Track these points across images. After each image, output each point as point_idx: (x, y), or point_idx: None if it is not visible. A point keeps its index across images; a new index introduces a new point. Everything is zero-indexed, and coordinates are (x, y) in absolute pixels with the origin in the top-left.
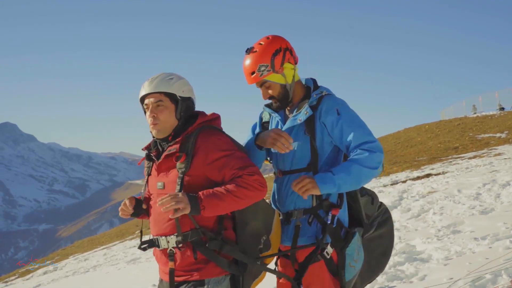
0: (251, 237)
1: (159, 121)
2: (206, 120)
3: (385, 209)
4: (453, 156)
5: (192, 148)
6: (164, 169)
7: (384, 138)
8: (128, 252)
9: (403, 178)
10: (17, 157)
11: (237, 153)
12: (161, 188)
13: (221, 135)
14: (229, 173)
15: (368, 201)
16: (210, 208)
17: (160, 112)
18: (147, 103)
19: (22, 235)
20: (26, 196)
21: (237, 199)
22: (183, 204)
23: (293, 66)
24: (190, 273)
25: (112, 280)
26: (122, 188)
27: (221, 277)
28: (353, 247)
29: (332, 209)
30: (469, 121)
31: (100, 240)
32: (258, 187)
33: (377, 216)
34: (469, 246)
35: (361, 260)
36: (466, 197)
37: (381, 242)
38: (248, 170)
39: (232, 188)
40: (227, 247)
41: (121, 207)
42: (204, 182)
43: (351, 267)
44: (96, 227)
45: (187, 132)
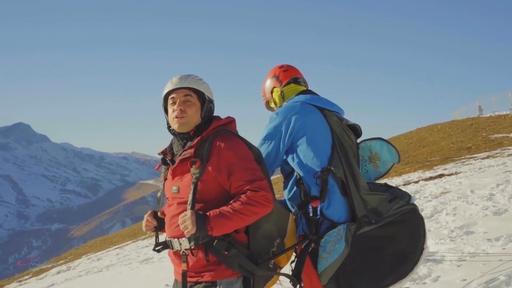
0: (264, 239)
1: (186, 115)
2: (221, 124)
3: (408, 210)
4: (466, 156)
5: (207, 154)
6: (179, 173)
7: (396, 138)
8: (141, 252)
9: (416, 178)
10: (30, 157)
11: (248, 163)
12: (175, 192)
13: (235, 140)
14: (235, 183)
15: (386, 199)
16: (218, 228)
17: (188, 107)
18: (175, 97)
19: (35, 235)
20: (39, 196)
21: (244, 217)
22: (189, 225)
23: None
24: (202, 274)
25: (125, 280)
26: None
27: (233, 279)
28: (327, 239)
29: (312, 202)
30: (482, 121)
31: (113, 240)
32: (264, 203)
33: (391, 215)
34: (483, 247)
35: (337, 253)
36: (479, 198)
37: (393, 243)
38: (255, 185)
39: (238, 206)
40: (233, 250)
41: (145, 223)
42: (217, 187)
43: (322, 258)
44: (108, 227)
45: (201, 137)
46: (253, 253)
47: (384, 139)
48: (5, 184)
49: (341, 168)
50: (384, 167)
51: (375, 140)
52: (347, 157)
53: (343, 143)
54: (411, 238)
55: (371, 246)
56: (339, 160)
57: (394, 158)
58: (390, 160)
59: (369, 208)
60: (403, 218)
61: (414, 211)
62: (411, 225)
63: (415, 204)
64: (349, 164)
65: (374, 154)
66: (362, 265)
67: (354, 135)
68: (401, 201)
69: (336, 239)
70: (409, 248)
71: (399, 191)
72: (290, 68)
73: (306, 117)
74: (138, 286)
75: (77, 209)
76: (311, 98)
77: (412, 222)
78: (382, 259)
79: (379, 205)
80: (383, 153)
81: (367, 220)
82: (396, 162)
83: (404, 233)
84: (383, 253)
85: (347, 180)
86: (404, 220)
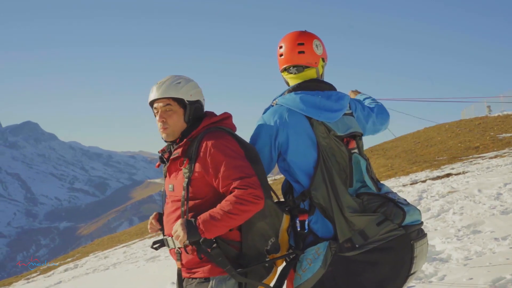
0: (258, 237)
1: (168, 126)
2: (212, 122)
3: (394, 236)
4: (474, 155)
5: (195, 152)
6: (173, 172)
7: (403, 138)
8: (148, 250)
9: (423, 177)
10: (38, 155)
11: (236, 161)
12: (171, 190)
13: (224, 137)
14: (223, 182)
15: (374, 220)
16: (209, 231)
17: (169, 116)
18: (156, 108)
19: (43, 233)
20: (47, 194)
21: (234, 216)
22: (181, 234)
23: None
24: (196, 271)
25: (132, 277)
26: (142, 187)
27: (226, 275)
28: (304, 256)
29: (300, 215)
30: (490, 121)
31: (120, 238)
32: (254, 200)
33: (377, 240)
34: (490, 246)
35: (311, 272)
36: (486, 197)
37: (373, 269)
38: (243, 182)
39: (227, 206)
40: (216, 250)
41: (149, 226)
42: (206, 186)
43: (297, 275)
44: (116, 225)
45: (191, 136)
46: (246, 251)
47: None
48: (14, 183)
49: (323, 189)
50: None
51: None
52: (331, 176)
53: (329, 158)
54: (394, 268)
55: (351, 269)
56: (322, 180)
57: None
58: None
59: (356, 230)
60: (390, 245)
61: (403, 237)
62: (396, 254)
63: (408, 227)
64: (333, 184)
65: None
66: (342, 285)
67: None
68: (391, 224)
69: (313, 258)
70: (389, 278)
71: (394, 208)
72: None
73: (289, 131)
74: (145, 284)
75: (85, 208)
76: (300, 103)
77: (398, 250)
78: (360, 283)
79: (366, 227)
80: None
81: (350, 245)
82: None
83: (387, 261)
84: (362, 278)
85: (330, 202)
86: (390, 248)
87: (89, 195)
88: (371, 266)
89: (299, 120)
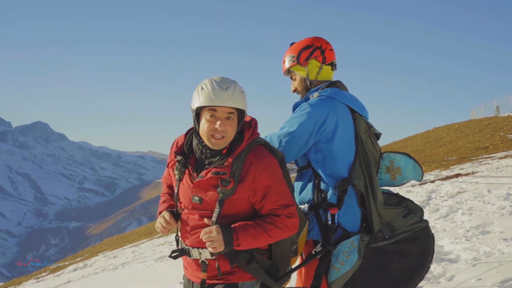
0: (287, 246)
1: (227, 135)
2: (251, 134)
3: (422, 228)
4: (483, 156)
5: (239, 173)
6: (204, 185)
7: (413, 138)
8: (156, 250)
9: (432, 178)
10: (48, 155)
11: (282, 186)
12: (197, 203)
13: (269, 158)
14: (268, 206)
15: (401, 213)
16: (244, 245)
17: (229, 126)
18: (216, 113)
19: (53, 233)
20: (57, 194)
21: (270, 239)
22: (217, 244)
23: (319, 64)
24: (224, 277)
25: (140, 277)
26: (151, 187)
27: (253, 281)
28: (340, 249)
29: (330, 209)
30: (499, 121)
31: (129, 238)
32: (293, 229)
33: (405, 231)
34: (498, 247)
35: (349, 264)
36: (496, 198)
37: (403, 260)
38: (288, 210)
39: (269, 227)
40: (254, 265)
41: (163, 225)
42: (245, 205)
43: (334, 268)
44: (125, 225)
45: (235, 153)
46: (275, 259)
47: (411, 156)
48: (24, 182)
49: (362, 179)
50: (401, 181)
51: (401, 155)
52: (369, 168)
53: (366, 152)
54: (421, 257)
55: (380, 260)
56: (360, 170)
57: (417, 177)
58: (412, 178)
59: (383, 223)
60: (417, 235)
61: (427, 229)
62: (423, 244)
63: (427, 220)
64: (370, 176)
65: (395, 168)
66: (370, 277)
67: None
68: (415, 216)
69: (350, 250)
70: (417, 267)
71: (412, 204)
72: (333, 50)
73: (339, 118)
74: (153, 283)
75: (94, 208)
76: (345, 96)
77: (425, 240)
78: (388, 274)
79: (394, 220)
80: (407, 170)
81: (382, 235)
82: (417, 181)
83: (415, 251)
84: (390, 268)
85: (367, 192)
86: (417, 238)
87: (99, 195)
88: (400, 256)
89: (346, 111)
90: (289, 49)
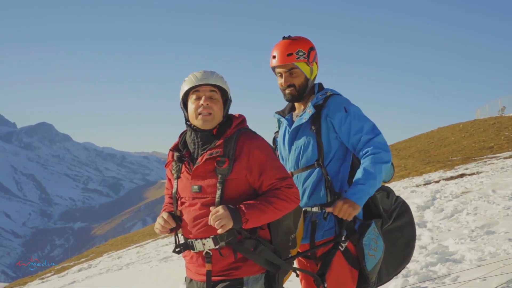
0: (284, 235)
1: (212, 111)
2: (240, 122)
3: (401, 201)
4: (488, 156)
5: (233, 153)
6: (201, 172)
7: (417, 138)
8: (161, 250)
9: (436, 178)
10: (53, 156)
11: (276, 161)
12: (197, 191)
13: (260, 138)
14: (267, 181)
15: (384, 195)
16: (252, 221)
17: (214, 103)
18: (199, 93)
19: (58, 233)
20: (61, 195)
21: (277, 211)
22: (226, 220)
23: (317, 67)
24: (229, 272)
25: (145, 278)
26: (155, 187)
27: (258, 275)
28: (369, 237)
29: None
30: (504, 120)
31: (133, 238)
32: (295, 199)
33: (394, 209)
34: (503, 247)
35: (380, 249)
36: (501, 198)
37: (402, 233)
38: (287, 182)
39: (273, 200)
40: (261, 247)
41: (161, 225)
42: (244, 186)
43: (370, 256)
44: (130, 226)
45: (226, 135)
46: (274, 248)
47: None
48: (29, 183)
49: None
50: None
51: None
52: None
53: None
54: (412, 227)
55: (389, 239)
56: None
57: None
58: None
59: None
60: (403, 209)
61: (405, 202)
62: (409, 214)
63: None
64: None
65: None
66: (387, 257)
67: None
68: (394, 195)
69: (376, 236)
70: (412, 236)
71: (384, 186)
72: None
73: None
74: (158, 284)
75: (99, 208)
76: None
77: (408, 211)
78: (397, 249)
79: (382, 202)
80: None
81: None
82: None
83: (408, 222)
84: (397, 243)
85: None
86: (405, 210)
87: (103, 195)
88: (400, 231)
89: None
90: (295, 42)
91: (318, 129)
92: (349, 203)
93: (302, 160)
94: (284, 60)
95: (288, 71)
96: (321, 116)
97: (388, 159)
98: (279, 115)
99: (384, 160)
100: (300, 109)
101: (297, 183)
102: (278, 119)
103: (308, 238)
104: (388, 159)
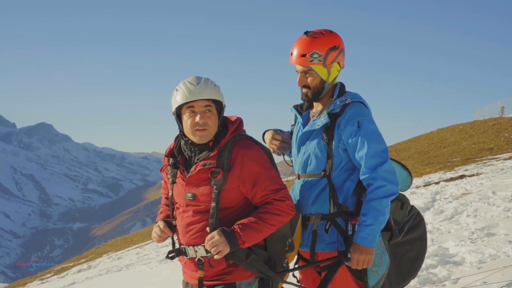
0: (279, 239)
1: (208, 127)
2: (235, 128)
3: (416, 213)
4: (488, 157)
5: (227, 162)
6: (195, 180)
7: (417, 139)
8: (160, 251)
9: (436, 179)
10: (52, 156)
11: (270, 172)
12: (190, 199)
13: (255, 147)
14: (260, 193)
15: (397, 206)
16: (249, 242)
17: (209, 118)
18: (194, 108)
19: (58, 233)
20: (61, 195)
21: (272, 227)
22: (222, 246)
23: (339, 68)
24: (222, 277)
25: (145, 279)
26: (155, 188)
27: (251, 279)
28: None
29: (352, 220)
30: (504, 122)
31: (133, 239)
32: (290, 212)
33: (407, 221)
34: (504, 249)
35: (385, 264)
36: (501, 199)
37: (412, 247)
38: (280, 194)
39: (266, 217)
40: (253, 256)
41: (158, 234)
42: (238, 194)
43: (373, 272)
44: (129, 226)
45: (220, 145)
46: (269, 253)
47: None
48: (28, 183)
49: None
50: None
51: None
52: None
53: None
54: (423, 241)
55: (398, 253)
56: None
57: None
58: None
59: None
60: (416, 221)
61: (419, 214)
62: (422, 228)
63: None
64: None
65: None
66: (392, 271)
67: None
68: (407, 205)
69: (381, 251)
70: (421, 251)
71: (400, 194)
72: None
73: None
74: (157, 285)
75: (98, 209)
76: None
77: (422, 224)
78: (403, 263)
79: (394, 213)
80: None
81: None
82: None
83: (418, 236)
84: (404, 257)
85: None
86: (418, 223)
87: (103, 196)
88: (409, 245)
89: None
90: (312, 41)
91: (331, 139)
92: (364, 253)
93: (309, 166)
94: (298, 61)
95: (303, 72)
96: (336, 124)
97: (394, 191)
98: (296, 110)
99: (391, 193)
100: (318, 109)
101: (302, 187)
102: (295, 114)
103: (308, 246)
104: (395, 191)
